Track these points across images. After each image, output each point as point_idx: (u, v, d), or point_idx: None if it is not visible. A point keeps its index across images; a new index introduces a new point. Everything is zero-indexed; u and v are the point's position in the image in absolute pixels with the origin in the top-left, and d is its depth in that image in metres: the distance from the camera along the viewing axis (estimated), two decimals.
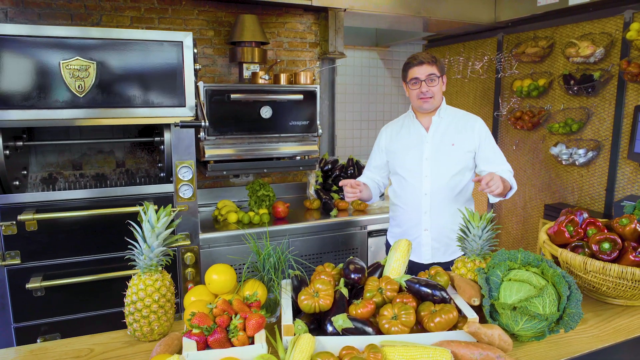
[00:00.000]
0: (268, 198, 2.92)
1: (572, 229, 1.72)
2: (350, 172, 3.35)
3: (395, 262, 1.58)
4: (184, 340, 1.21)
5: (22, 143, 2.27)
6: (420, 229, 2.23)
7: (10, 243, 2.08)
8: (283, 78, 2.99)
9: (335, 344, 1.29)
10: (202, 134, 2.67)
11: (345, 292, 1.45)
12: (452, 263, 1.85)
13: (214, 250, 2.64)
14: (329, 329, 1.34)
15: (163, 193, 2.31)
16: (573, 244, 1.68)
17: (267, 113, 2.80)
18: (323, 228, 2.90)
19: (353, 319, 1.34)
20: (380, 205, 3.18)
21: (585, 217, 1.82)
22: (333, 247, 2.94)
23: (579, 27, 3.24)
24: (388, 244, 2.47)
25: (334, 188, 3.24)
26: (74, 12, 2.83)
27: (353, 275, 1.47)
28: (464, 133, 2.19)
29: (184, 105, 2.21)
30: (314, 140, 3.05)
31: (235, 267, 2.56)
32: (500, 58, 3.86)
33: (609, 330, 1.49)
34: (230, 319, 1.27)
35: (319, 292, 1.39)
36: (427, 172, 2.18)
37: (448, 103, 2.31)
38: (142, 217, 1.40)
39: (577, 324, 1.35)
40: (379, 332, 1.35)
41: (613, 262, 1.55)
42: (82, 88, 2.04)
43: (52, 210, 2.12)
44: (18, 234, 2.08)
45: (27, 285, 2.07)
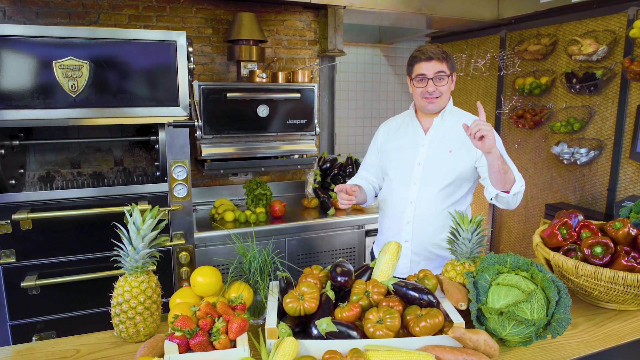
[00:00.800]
0: (265, 197, 2.92)
1: (565, 232, 1.69)
2: (349, 170, 3.34)
3: (384, 264, 1.56)
4: (166, 343, 1.21)
5: (18, 142, 2.29)
6: (401, 240, 2.03)
7: (5, 242, 2.10)
8: (281, 76, 2.98)
9: (319, 348, 1.29)
10: (198, 133, 2.67)
11: (332, 295, 1.44)
12: None
13: (210, 249, 2.64)
14: (314, 333, 1.33)
15: (158, 192, 2.31)
16: (566, 247, 1.66)
17: (264, 112, 2.79)
18: (320, 227, 2.89)
19: (338, 323, 1.33)
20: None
21: (580, 219, 1.79)
22: (330, 246, 2.94)
23: (582, 24, 3.19)
24: (372, 255, 2.28)
25: (332, 187, 3.22)
26: (72, 10, 2.84)
27: (339, 278, 1.46)
28: (466, 140, 1.93)
29: (178, 105, 2.21)
30: (312, 139, 3.03)
31: (227, 267, 2.57)
32: (503, 55, 3.81)
33: (600, 336, 1.46)
34: (214, 322, 1.27)
35: (304, 295, 1.38)
36: (416, 178, 1.99)
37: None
38: (127, 218, 1.40)
39: (565, 330, 1.32)
40: (365, 336, 1.34)
41: (605, 266, 1.52)
42: (75, 88, 2.04)
43: (47, 210, 2.13)
44: (13, 233, 2.09)
45: (22, 284, 2.09)
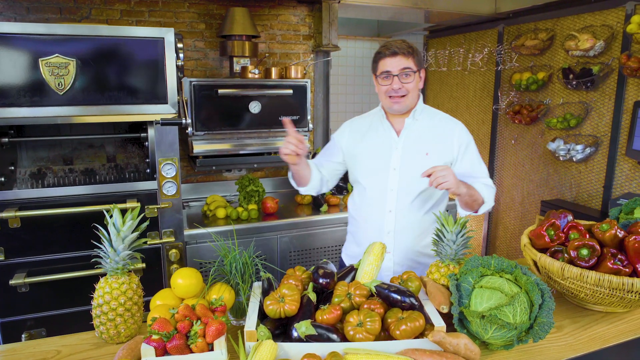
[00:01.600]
0: (257, 193, 2.91)
1: (552, 233, 1.67)
2: None
3: (368, 265, 1.55)
4: (142, 347, 1.21)
5: (7, 139, 2.28)
6: None
7: None
8: (274, 72, 2.96)
9: (298, 351, 1.28)
10: (190, 130, 2.65)
11: (313, 297, 1.43)
12: None
13: (202, 246, 2.64)
14: (294, 335, 1.32)
15: (147, 190, 2.31)
16: (553, 249, 1.64)
17: (255, 108, 2.78)
18: (312, 224, 2.88)
19: (318, 326, 1.32)
20: None
21: (570, 219, 1.77)
22: (322, 243, 2.93)
23: (580, 18, 3.14)
24: (342, 263, 2.15)
25: None
26: (63, 5, 2.82)
27: (321, 280, 1.45)
28: (442, 141, 1.88)
29: (166, 102, 2.19)
30: (305, 135, 3.01)
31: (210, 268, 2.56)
32: (500, 50, 3.77)
33: (584, 339, 1.45)
34: (192, 325, 1.26)
35: (285, 297, 1.37)
36: (393, 184, 1.86)
37: (448, 96, 2.03)
38: (107, 219, 1.39)
39: (547, 334, 1.31)
40: (345, 339, 1.33)
41: (591, 269, 1.50)
42: (62, 86, 2.03)
43: (35, 208, 2.13)
44: (1, 231, 2.09)
45: (10, 282, 2.09)
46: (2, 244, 2.11)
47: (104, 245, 1.40)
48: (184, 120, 2.20)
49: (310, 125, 2.97)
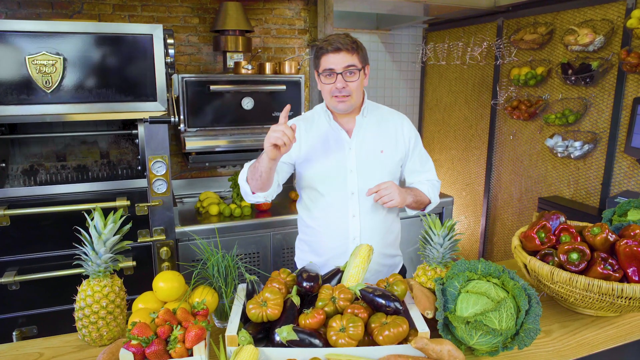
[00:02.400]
0: None
1: (543, 236, 1.65)
2: None
3: (355, 268, 1.53)
4: (121, 352, 1.20)
5: None
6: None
7: None
8: (268, 67, 2.92)
9: (280, 356, 1.27)
10: (182, 126, 2.63)
11: (297, 300, 1.42)
12: None
13: (194, 243, 2.63)
14: (276, 340, 1.31)
15: (138, 188, 2.29)
16: (544, 252, 1.61)
17: (248, 104, 2.75)
18: None
19: (300, 331, 1.30)
20: None
21: (562, 221, 1.74)
22: None
23: (580, 12, 3.08)
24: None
25: None
26: (55, 0, 2.79)
27: (305, 284, 1.43)
28: (393, 136, 1.81)
29: (156, 100, 2.17)
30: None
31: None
32: (499, 44, 3.71)
33: (573, 344, 1.43)
34: (172, 330, 1.25)
35: (267, 301, 1.35)
36: (353, 188, 1.76)
37: (447, 90, 1.93)
38: (88, 222, 1.38)
39: (532, 341, 1.29)
40: (328, 344, 1.32)
41: (581, 273, 1.48)
42: (49, 83, 2.01)
43: (25, 206, 2.12)
44: None
45: (0, 280, 2.09)
46: None
47: (86, 248, 1.39)
48: (173, 118, 2.17)
49: None
